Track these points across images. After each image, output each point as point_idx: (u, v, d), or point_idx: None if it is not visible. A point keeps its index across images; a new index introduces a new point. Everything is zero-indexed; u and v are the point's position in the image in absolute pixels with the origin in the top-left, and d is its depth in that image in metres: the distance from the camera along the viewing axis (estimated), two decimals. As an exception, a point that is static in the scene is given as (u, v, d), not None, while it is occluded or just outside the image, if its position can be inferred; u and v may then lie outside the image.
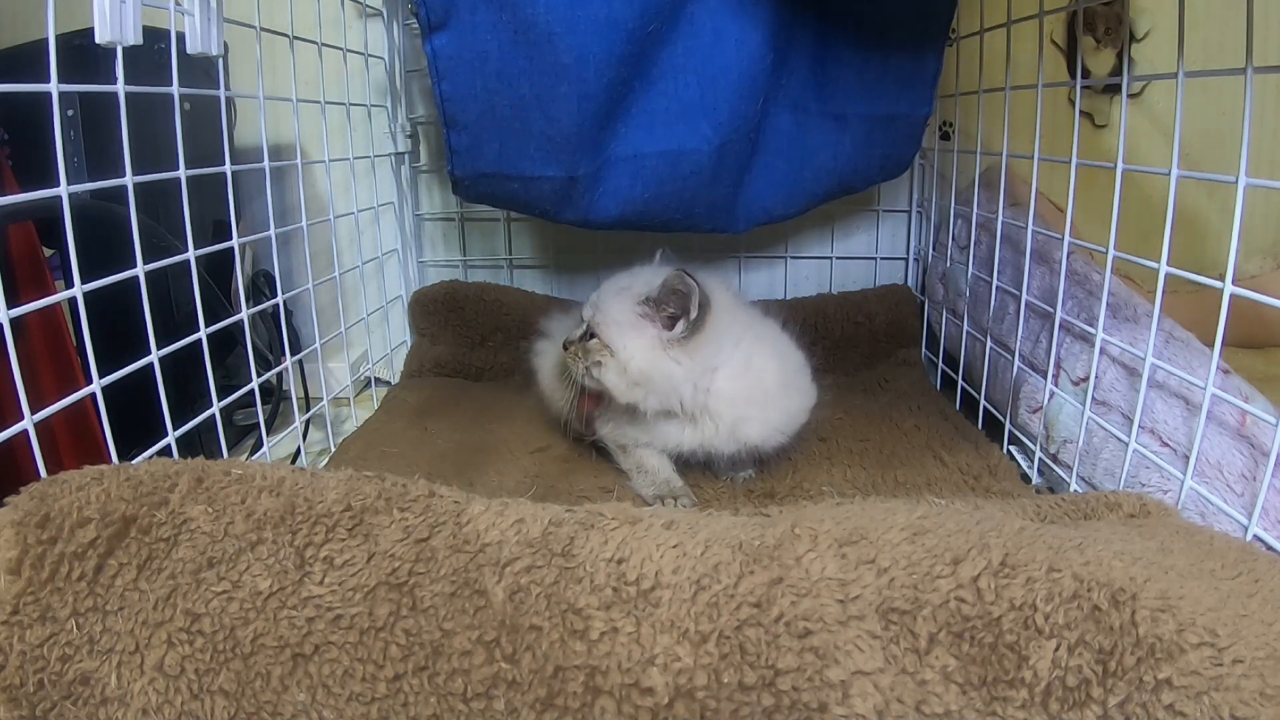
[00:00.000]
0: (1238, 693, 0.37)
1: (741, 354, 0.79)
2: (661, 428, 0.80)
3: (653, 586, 0.44)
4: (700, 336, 0.76)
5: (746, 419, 0.79)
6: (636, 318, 0.77)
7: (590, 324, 0.79)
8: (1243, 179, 0.57)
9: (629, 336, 0.76)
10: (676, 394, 0.77)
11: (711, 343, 0.77)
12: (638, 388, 0.76)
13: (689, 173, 0.93)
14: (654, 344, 0.76)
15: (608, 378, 0.77)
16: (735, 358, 0.78)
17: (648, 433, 0.82)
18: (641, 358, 0.76)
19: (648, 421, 0.80)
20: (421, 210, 1.27)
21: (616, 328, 0.77)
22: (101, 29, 0.59)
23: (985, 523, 0.47)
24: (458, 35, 0.82)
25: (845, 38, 0.94)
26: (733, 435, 0.79)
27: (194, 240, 0.72)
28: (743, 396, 0.78)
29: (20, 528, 0.45)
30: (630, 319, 0.77)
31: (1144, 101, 1.15)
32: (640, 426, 0.82)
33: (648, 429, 0.81)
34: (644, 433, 0.82)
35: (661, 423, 0.80)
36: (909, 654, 0.41)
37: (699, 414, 0.79)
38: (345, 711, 0.42)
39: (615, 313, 0.77)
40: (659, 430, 0.81)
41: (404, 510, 0.49)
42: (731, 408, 0.78)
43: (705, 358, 0.77)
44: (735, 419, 0.79)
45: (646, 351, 0.76)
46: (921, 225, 1.24)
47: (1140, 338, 0.71)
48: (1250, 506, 0.60)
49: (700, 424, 0.79)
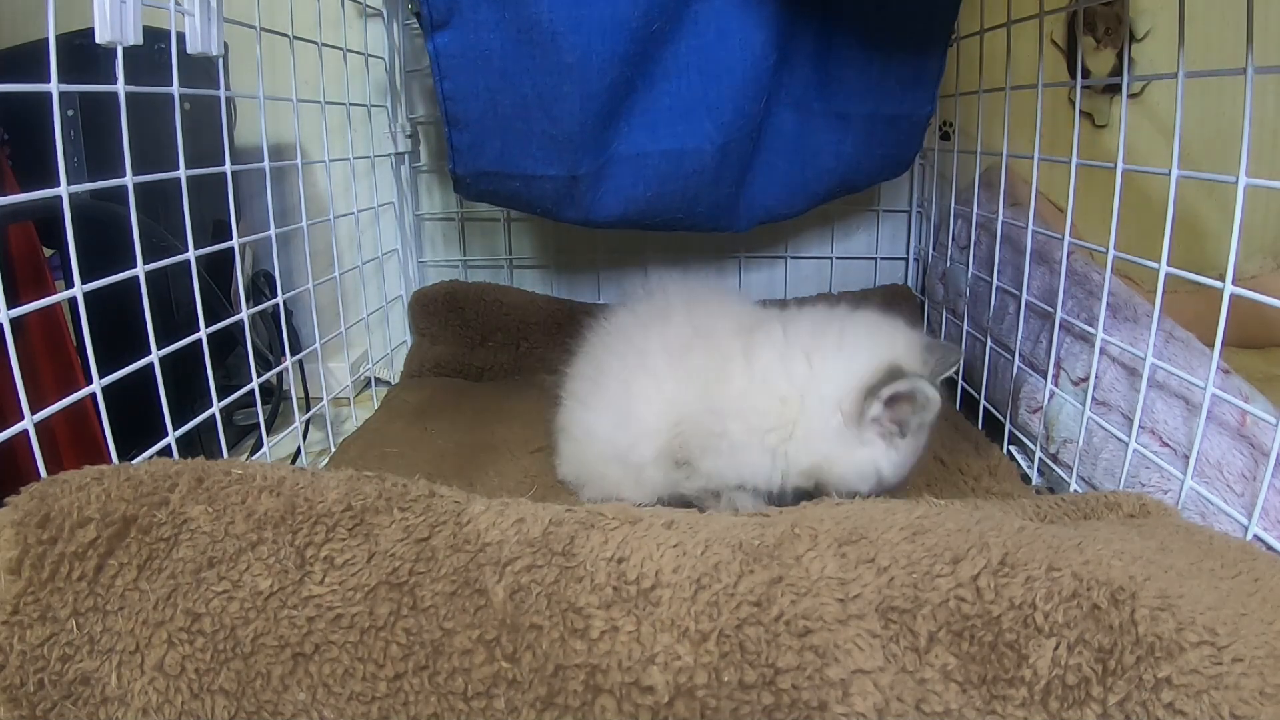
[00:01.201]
0: (1237, 691, 0.38)
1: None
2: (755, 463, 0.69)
3: (653, 585, 0.44)
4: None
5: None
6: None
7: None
8: (1243, 179, 0.57)
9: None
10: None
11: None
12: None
13: (692, 172, 0.93)
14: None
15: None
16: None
17: (739, 473, 0.69)
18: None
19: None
20: (421, 210, 1.27)
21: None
22: (101, 29, 0.58)
23: (985, 522, 0.47)
24: (460, 34, 0.82)
25: (848, 37, 0.93)
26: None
27: (194, 240, 0.72)
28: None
29: (20, 528, 0.45)
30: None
31: (1144, 101, 1.15)
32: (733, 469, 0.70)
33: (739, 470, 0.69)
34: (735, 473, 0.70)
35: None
36: (909, 652, 0.41)
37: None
38: (345, 711, 0.42)
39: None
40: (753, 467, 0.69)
41: (404, 510, 0.49)
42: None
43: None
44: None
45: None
46: (921, 225, 1.24)
47: (1140, 338, 0.71)
48: (1250, 506, 0.60)
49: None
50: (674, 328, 0.74)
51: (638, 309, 0.80)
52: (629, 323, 0.79)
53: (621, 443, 0.72)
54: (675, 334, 0.73)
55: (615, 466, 0.74)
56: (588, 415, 0.77)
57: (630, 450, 0.72)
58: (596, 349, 0.80)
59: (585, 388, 0.78)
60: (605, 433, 0.74)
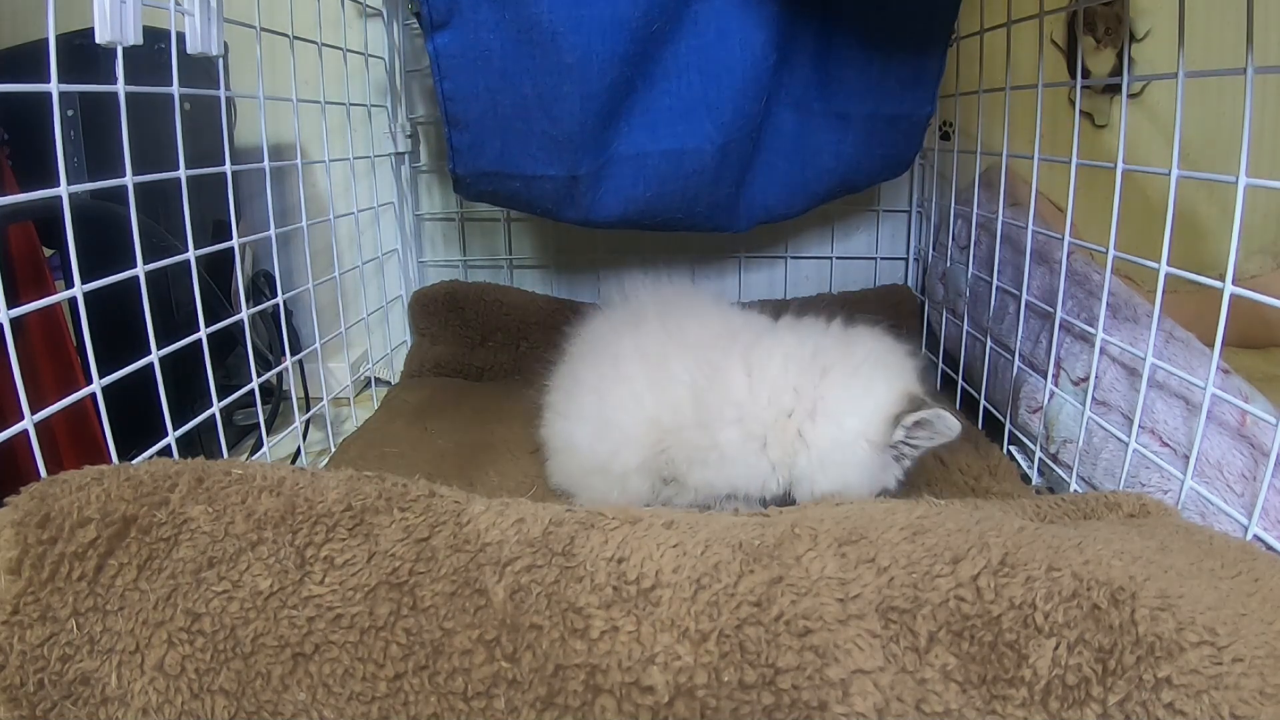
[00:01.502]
0: (1237, 691, 0.38)
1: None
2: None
3: (653, 585, 0.44)
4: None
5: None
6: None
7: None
8: (1243, 179, 0.57)
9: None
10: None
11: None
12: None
13: (692, 171, 0.93)
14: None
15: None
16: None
17: (731, 483, 0.70)
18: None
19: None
20: (421, 210, 1.27)
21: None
22: (101, 29, 0.58)
23: (985, 522, 0.47)
24: (460, 34, 0.82)
25: (849, 37, 0.94)
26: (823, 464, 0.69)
27: (194, 240, 0.72)
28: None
29: (20, 528, 0.45)
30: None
31: (1144, 101, 1.15)
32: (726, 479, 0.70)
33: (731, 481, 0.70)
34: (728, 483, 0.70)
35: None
36: (909, 652, 0.41)
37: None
38: (345, 711, 0.42)
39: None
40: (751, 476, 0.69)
41: (404, 510, 0.49)
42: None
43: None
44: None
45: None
46: (921, 225, 1.24)
47: (1140, 338, 0.71)
48: (1250, 506, 0.60)
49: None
50: (648, 334, 0.73)
51: (611, 315, 0.80)
52: (603, 329, 0.78)
53: (602, 453, 0.72)
54: (650, 340, 0.73)
55: (599, 477, 0.73)
56: (567, 425, 0.76)
57: (612, 459, 0.71)
58: (572, 359, 0.80)
59: (562, 399, 0.78)
60: (586, 443, 0.73)
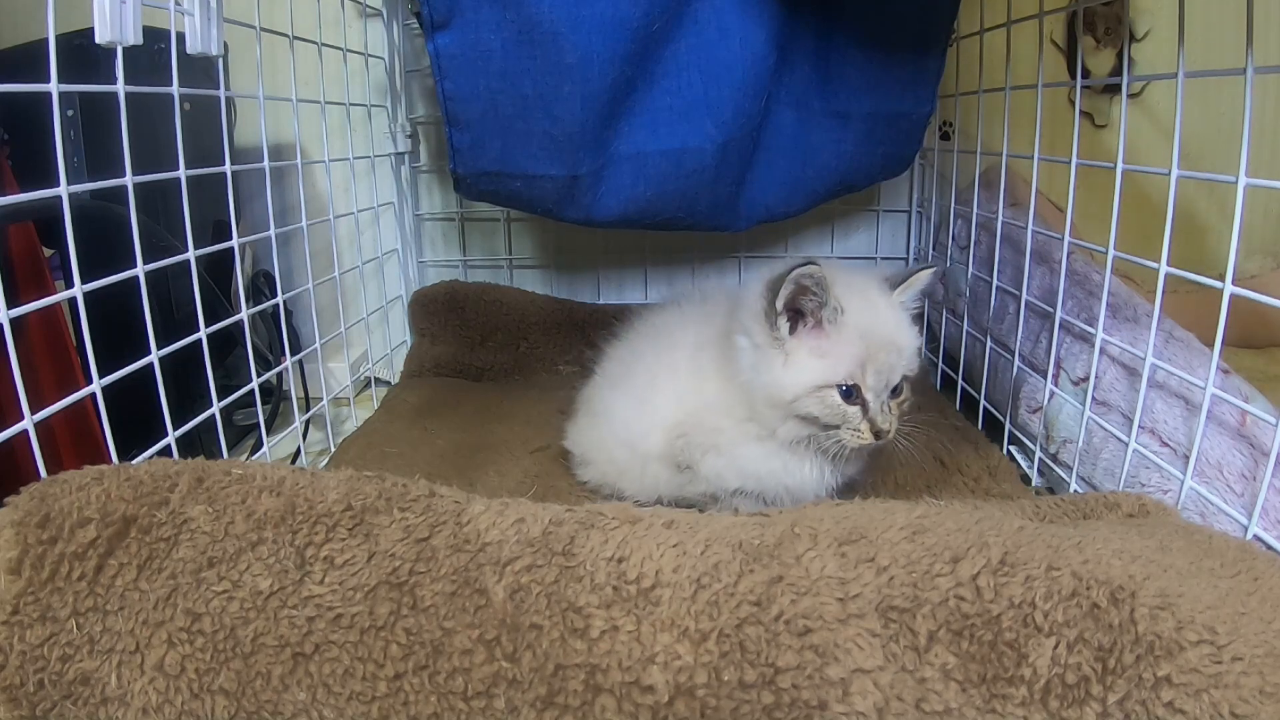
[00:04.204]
0: (1237, 690, 0.38)
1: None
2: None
3: (653, 585, 0.44)
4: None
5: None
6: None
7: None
8: (1243, 179, 0.57)
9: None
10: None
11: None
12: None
13: (692, 171, 0.93)
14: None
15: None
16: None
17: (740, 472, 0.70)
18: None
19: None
20: (421, 210, 1.27)
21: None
22: (101, 29, 0.59)
23: (984, 522, 0.47)
24: (461, 34, 0.82)
25: (849, 36, 0.94)
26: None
27: (194, 240, 0.72)
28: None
29: (20, 528, 0.45)
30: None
31: (1144, 101, 1.15)
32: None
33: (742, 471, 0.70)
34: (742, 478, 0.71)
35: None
36: (909, 652, 0.41)
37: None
38: (346, 710, 0.42)
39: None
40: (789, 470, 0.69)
41: (404, 510, 0.49)
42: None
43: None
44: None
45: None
46: (921, 225, 1.24)
47: (1140, 338, 0.71)
48: (1250, 506, 0.60)
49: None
50: (708, 327, 0.76)
51: (684, 306, 0.82)
52: (672, 319, 0.81)
53: (636, 428, 0.75)
54: (705, 333, 0.75)
55: (624, 451, 0.76)
56: (613, 394, 0.80)
57: (642, 437, 0.74)
58: (637, 337, 0.83)
59: (618, 369, 0.82)
60: (623, 414, 0.77)
